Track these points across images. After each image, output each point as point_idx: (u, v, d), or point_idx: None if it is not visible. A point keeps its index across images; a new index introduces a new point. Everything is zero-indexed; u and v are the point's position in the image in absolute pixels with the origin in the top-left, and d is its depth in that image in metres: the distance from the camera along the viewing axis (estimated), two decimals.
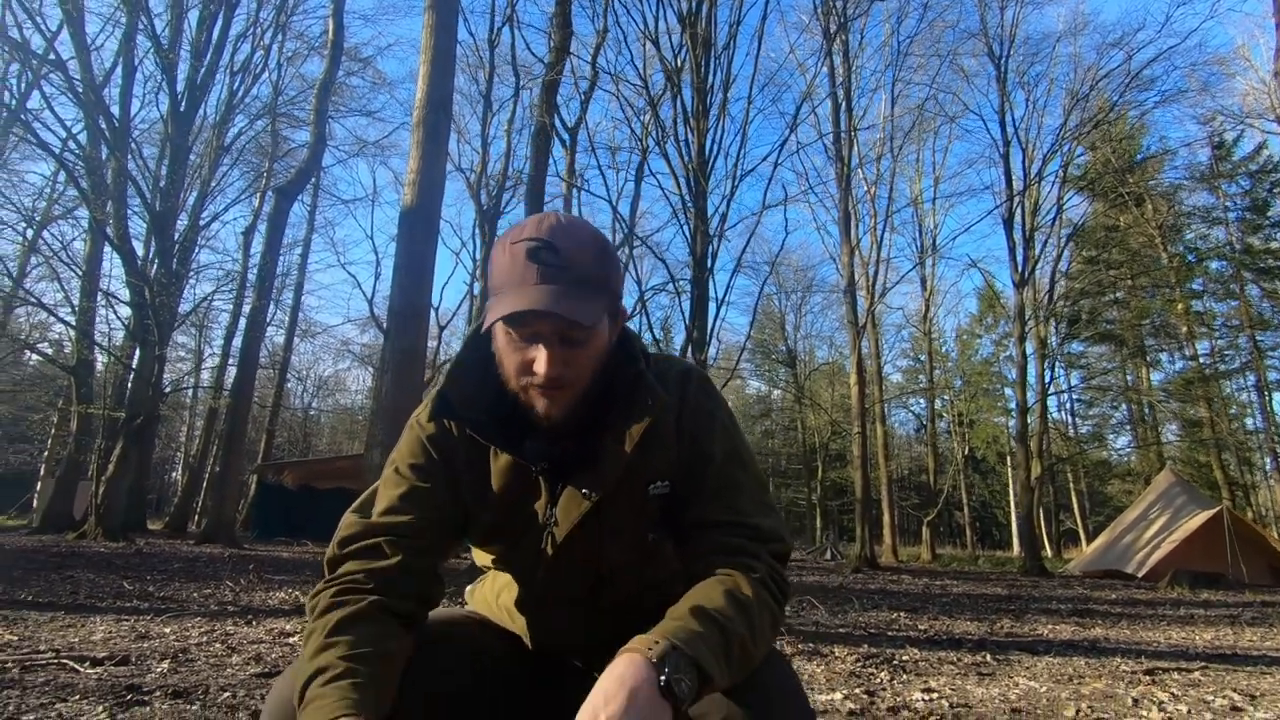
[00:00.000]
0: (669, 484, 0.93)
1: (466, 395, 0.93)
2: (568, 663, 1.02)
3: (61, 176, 16.26)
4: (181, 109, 14.28)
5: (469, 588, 1.19)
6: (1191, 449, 23.12)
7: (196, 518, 21.12)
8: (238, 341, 17.93)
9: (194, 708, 2.15)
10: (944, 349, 31.64)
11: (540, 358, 0.82)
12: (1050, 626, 5.43)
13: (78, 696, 2.21)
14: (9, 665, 2.57)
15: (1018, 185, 17.07)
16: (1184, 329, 21.83)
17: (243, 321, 16.90)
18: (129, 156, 12.96)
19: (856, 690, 2.81)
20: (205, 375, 23.62)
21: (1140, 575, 12.39)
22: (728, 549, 0.86)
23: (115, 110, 13.28)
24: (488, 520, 0.95)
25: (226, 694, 2.33)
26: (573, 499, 0.90)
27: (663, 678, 0.64)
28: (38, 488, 21.27)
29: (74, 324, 14.45)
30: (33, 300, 15.44)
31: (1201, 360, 21.95)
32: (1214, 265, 22.87)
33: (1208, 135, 21.80)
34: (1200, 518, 12.48)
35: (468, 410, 0.92)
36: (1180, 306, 21.65)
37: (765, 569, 0.84)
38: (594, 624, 0.97)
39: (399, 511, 0.89)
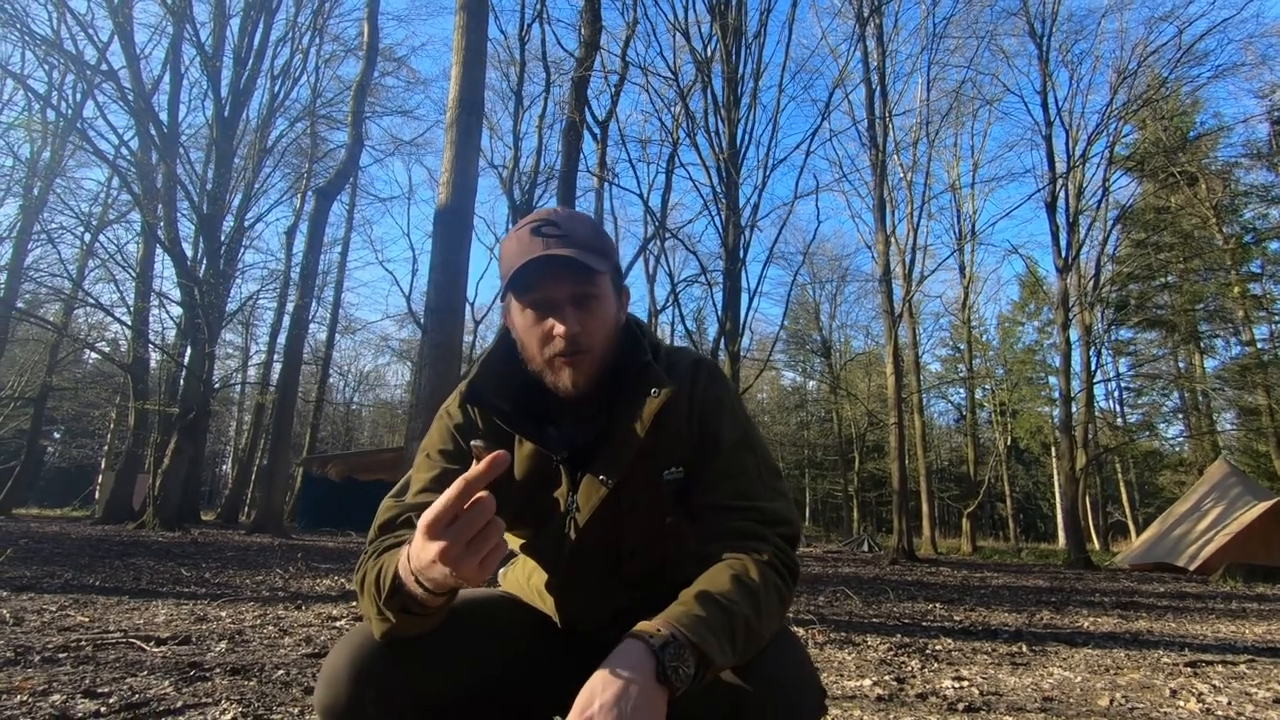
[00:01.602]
0: (683, 470, 0.98)
1: (495, 385, 1.00)
2: (596, 640, 1.08)
3: (115, 182, 16.95)
4: (226, 114, 14.75)
5: (501, 570, 1.26)
6: (1248, 438, 22.19)
7: (246, 509, 21.93)
8: (282, 338, 18.51)
9: (251, 683, 2.29)
10: (985, 337, 30.90)
11: (557, 322, 0.90)
12: (1091, 619, 5.33)
13: (146, 672, 2.37)
14: (83, 644, 2.76)
15: (1061, 167, 16.54)
16: (1240, 313, 20.90)
17: (287, 319, 17.47)
18: (177, 161, 13.46)
19: (886, 677, 2.83)
20: (252, 372, 24.51)
21: (1192, 569, 11.99)
22: (737, 533, 0.90)
23: (164, 117, 13.81)
24: (513, 506, 1.02)
25: (280, 672, 2.47)
26: (591, 485, 0.95)
27: (661, 665, 0.69)
28: (99, 480, 22.30)
29: (130, 324, 15.09)
30: (91, 301, 16.19)
31: (1260, 345, 21.02)
32: (1273, 246, 21.83)
33: (1266, 110, 20.72)
34: (1257, 509, 12.00)
35: (496, 399, 0.99)
36: (1236, 289, 20.74)
37: (773, 552, 0.88)
38: (618, 603, 1.02)
39: (431, 491, 0.96)
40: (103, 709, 1.94)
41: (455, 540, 0.65)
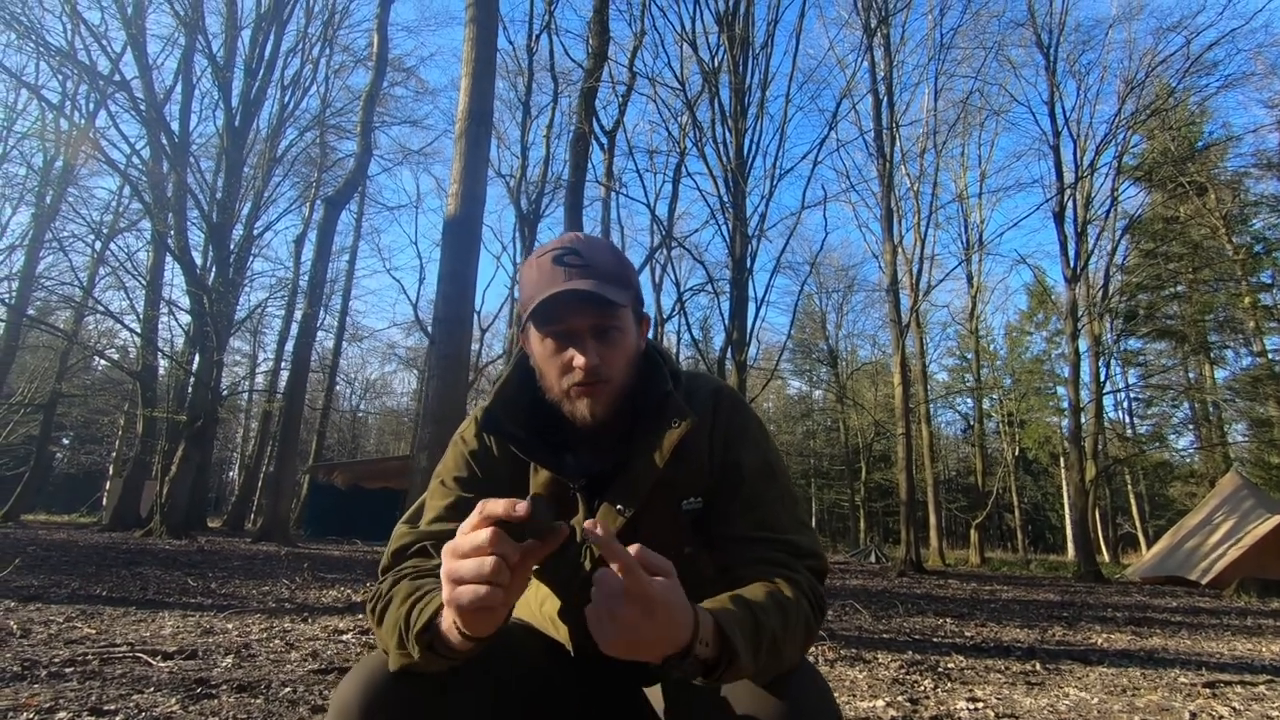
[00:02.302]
0: (702, 500, 0.97)
1: (512, 412, 0.99)
2: (609, 669, 1.06)
3: (126, 191, 17.11)
4: (236, 124, 14.88)
5: None
6: (1260, 450, 21.98)
7: (252, 516, 21.97)
8: (290, 346, 18.59)
9: (258, 701, 2.27)
10: (992, 347, 30.78)
11: (577, 353, 0.89)
12: (1105, 635, 5.26)
13: (152, 689, 2.35)
14: (90, 658, 2.75)
15: (1069, 177, 16.49)
16: (1251, 324, 20.75)
17: (294, 327, 17.51)
18: (188, 170, 13.57)
19: (899, 698, 2.79)
20: (260, 379, 24.58)
21: (1204, 583, 11.84)
22: (768, 562, 0.89)
23: (175, 127, 13.93)
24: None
25: (287, 689, 2.45)
26: (608, 515, 0.94)
27: (695, 627, 0.68)
28: (106, 487, 22.41)
29: (139, 331, 15.18)
30: (102, 309, 16.31)
31: (1271, 356, 20.84)
32: None
33: (1276, 119, 20.63)
34: (1270, 523, 11.86)
35: (512, 426, 0.98)
36: (1247, 300, 20.60)
37: (805, 582, 0.87)
38: None
39: (446, 520, 0.95)
40: None
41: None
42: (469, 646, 0.72)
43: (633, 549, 0.66)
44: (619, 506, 0.94)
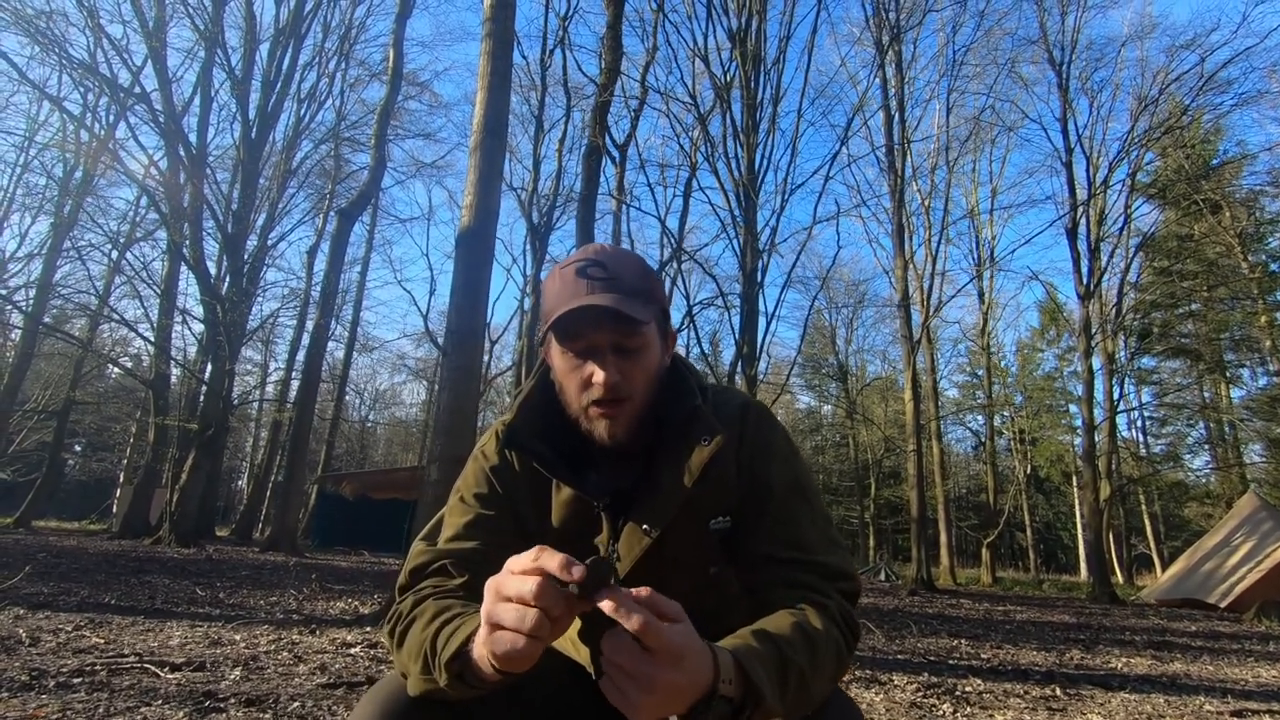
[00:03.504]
0: (730, 519, 0.94)
1: (534, 427, 0.97)
2: None
3: (144, 201, 17.32)
4: (253, 136, 15.06)
5: None
6: (1278, 471, 21.64)
7: (261, 525, 21.98)
8: (301, 356, 18.69)
9: (266, 716, 2.24)
10: (1003, 363, 30.52)
11: (597, 369, 0.86)
12: (1124, 659, 5.15)
13: (160, 701, 2.33)
14: (98, 668, 2.73)
15: (1082, 194, 16.42)
16: (1267, 342, 20.49)
17: (306, 337, 17.62)
18: (205, 182, 13.72)
19: None
20: (270, 388, 24.69)
21: (1223, 606, 11.61)
22: (797, 585, 0.86)
23: (193, 138, 14.11)
24: None
25: (296, 704, 2.41)
26: (634, 534, 0.91)
27: (716, 665, 0.65)
28: (117, 494, 22.52)
29: (152, 340, 15.31)
30: (116, 318, 16.46)
31: None
32: None
33: None
34: None
35: (534, 443, 0.96)
36: (1263, 318, 20.36)
37: (836, 607, 0.84)
38: None
39: (465, 538, 0.93)
40: None
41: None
42: (499, 679, 0.69)
43: (642, 592, 0.63)
44: (645, 526, 0.91)
